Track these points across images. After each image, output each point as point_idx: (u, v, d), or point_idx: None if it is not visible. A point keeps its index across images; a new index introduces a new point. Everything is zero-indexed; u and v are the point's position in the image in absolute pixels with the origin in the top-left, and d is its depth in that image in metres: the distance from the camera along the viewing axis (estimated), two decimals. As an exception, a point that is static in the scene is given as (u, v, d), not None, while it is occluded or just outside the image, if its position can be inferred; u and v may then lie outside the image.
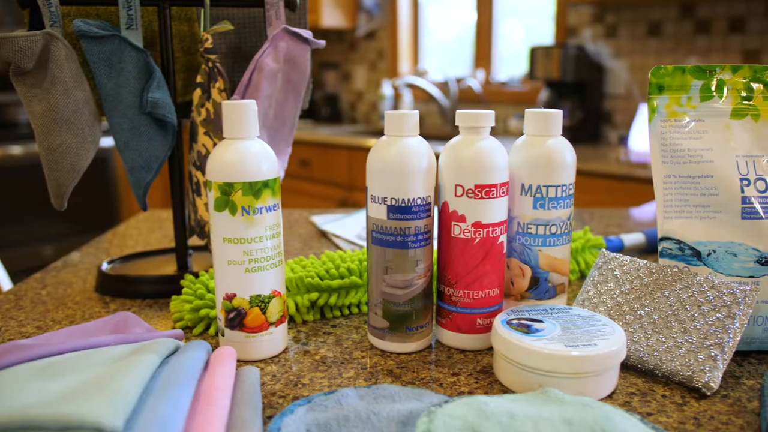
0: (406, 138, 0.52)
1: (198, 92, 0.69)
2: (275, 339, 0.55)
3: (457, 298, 0.54)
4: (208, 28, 0.68)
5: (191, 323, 0.60)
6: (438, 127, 2.84)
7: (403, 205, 0.52)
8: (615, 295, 0.54)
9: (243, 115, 0.52)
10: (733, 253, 0.52)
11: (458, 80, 2.70)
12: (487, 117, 0.52)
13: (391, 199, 0.52)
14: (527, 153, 0.54)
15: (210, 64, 0.68)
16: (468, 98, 2.70)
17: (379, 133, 2.84)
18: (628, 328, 0.52)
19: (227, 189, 0.51)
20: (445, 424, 0.39)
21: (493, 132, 2.28)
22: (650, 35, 2.14)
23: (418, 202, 0.52)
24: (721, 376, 0.47)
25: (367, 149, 2.33)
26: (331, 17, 2.84)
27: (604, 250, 0.58)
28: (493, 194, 0.52)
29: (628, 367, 0.52)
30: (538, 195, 0.54)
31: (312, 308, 0.63)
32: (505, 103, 2.59)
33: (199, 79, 0.68)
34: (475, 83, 2.61)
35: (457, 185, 0.52)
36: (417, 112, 0.53)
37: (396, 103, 2.81)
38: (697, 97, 0.54)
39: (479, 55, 2.67)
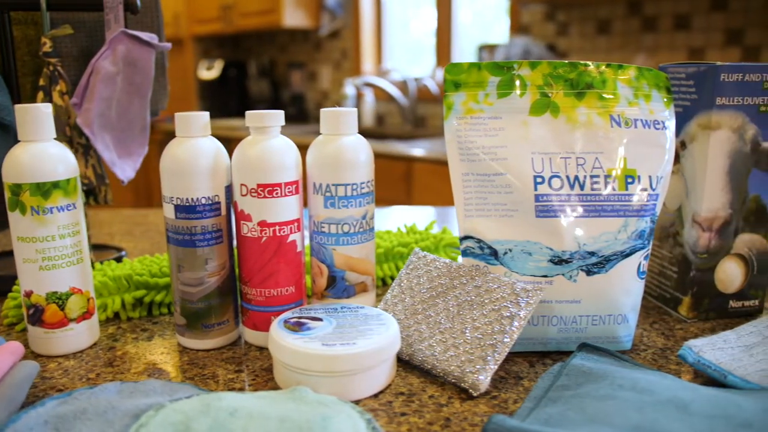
0: (195, 138, 0.53)
1: (40, 95, 0.70)
2: (77, 335, 0.56)
3: (252, 296, 0.55)
4: (47, 31, 0.69)
5: (15, 319, 0.62)
6: (398, 126, 2.85)
7: (188, 204, 0.53)
8: (414, 294, 0.55)
9: (35, 117, 0.52)
10: (528, 252, 0.52)
11: (416, 79, 2.71)
12: (274, 117, 0.53)
13: (177, 198, 0.53)
14: (318, 152, 0.55)
15: (51, 68, 0.69)
16: (426, 97, 2.70)
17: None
18: (418, 328, 0.52)
19: (16, 190, 0.52)
20: (164, 418, 0.40)
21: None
22: (599, 33, 2.14)
23: (203, 201, 0.53)
24: (490, 376, 0.47)
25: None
26: (294, 17, 2.85)
27: (417, 248, 0.59)
28: (277, 193, 0.53)
29: (414, 366, 0.52)
30: (328, 194, 0.55)
31: (140, 305, 0.65)
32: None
33: (41, 82, 0.69)
34: (432, 83, 2.62)
35: (242, 185, 0.53)
36: (206, 113, 0.54)
37: (358, 103, 2.82)
38: (495, 93, 0.53)
39: (440, 55, 2.67)
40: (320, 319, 0.51)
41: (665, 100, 0.55)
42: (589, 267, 0.52)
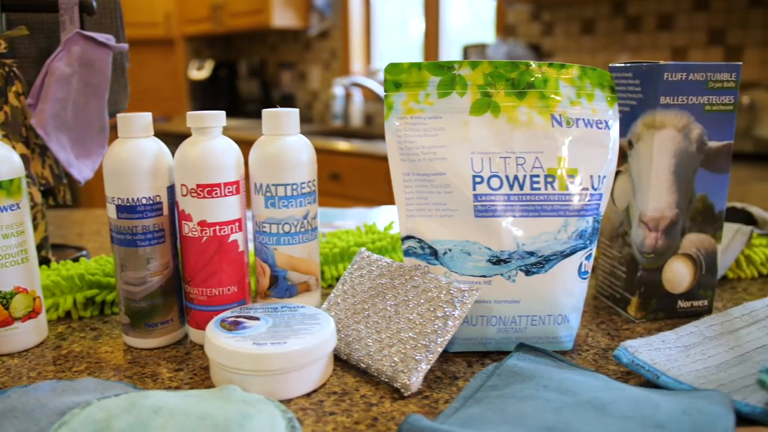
0: (137, 139, 0.53)
1: (-4, 95, 0.70)
2: (22, 334, 0.56)
3: (194, 295, 0.55)
4: (2, 33, 0.69)
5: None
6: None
7: (129, 204, 0.53)
8: (355, 294, 0.55)
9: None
10: (467, 252, 0.52)
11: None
12: (214, 117, 0.53)
13: (118, 198, 0.53)
14: (258, 153, 0.55)
15: (6, 68, 0.69)
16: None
17: (333, 132, 2.85)
18: (356, 327, 0.52)
19: (-43, 190, 0.52)
20: (88, 416, 0.40)
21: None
22: (584, 33, 2.14)
23: (144, 201, 0.53)
24: (421, 377, 0.47)
25: (318, 149, 2.34)
26: (282, 17, 2.85)
27: (363, 248, 0.59)
28: (216, 194, 0.53)
29: (352, 366, 0.52)
30: (268, 194, 0.55)
31: (92, 304, 0.65)
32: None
33: (-3, 82, 0.70)
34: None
35: (182, 185, 0.53)
36: (149, 114, 0.54)
37: (347, 103, 2.82)
38: (435, 93, 0.53)
39: (428, 55, 2.67)
40: (257, 319, 0.51)
41: (609, 99, 0.55)
42: (528, 267, 0.52)
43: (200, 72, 3.33)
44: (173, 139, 3.03)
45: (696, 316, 0.62)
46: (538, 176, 0.52)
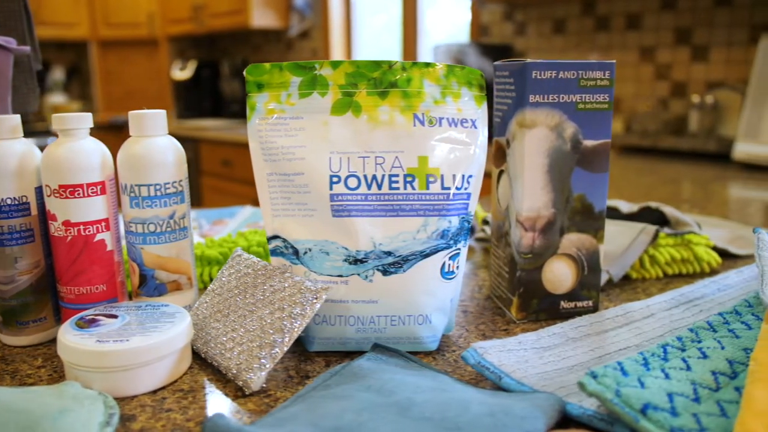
0: (2, 141, 0.54)
1: None
2: None
3: (64, 294, 0.55)
4: None
5: None
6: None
7: (-7, 203, 0.53)
8: (221, 293, 0.55)
9: None
10: (326, 252, 0.52)
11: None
12: (78, 119, 0.53)
13: (-17, 198, 0.54)
14: (123, 153, 0.55)
15: None
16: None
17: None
18: (215, 326, 0.52)
19: None
20: None
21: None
22: (556, 33, 2.13)
23: (9, 202, 0.53)
24: (264, 375, 0.47)
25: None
26: (262, 17, 2.86)
27: (238, 248, 0.59)
28: (79, 194, 0.53)
29: (210, 363, 0.52)
30: (132, 194, 0.55)
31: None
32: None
33: None
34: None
35: (46, 185, 0.53)
36: (17, 116, 0.54)
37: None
38: (296, 94, 0.53)
39: (406, 55, 2.67)
40: (116, 316, 0.51)
41: (477, 98, 0.55)
42: (385, 267, 0.52)
43: (183, 72, 3.34)
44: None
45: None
46: (397, 176, 0.52)
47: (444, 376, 0.46)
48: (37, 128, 3.49)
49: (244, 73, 0.54)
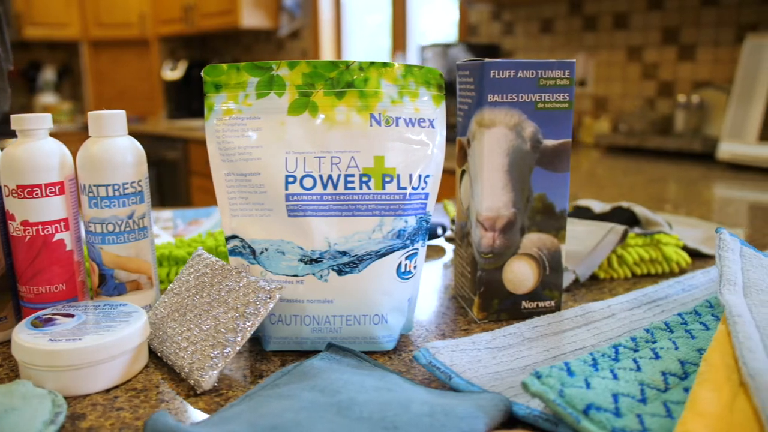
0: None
1: None
2: None
3: (24, 293, 0.55)
4: None
5: None
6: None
7: (-50, 203, 0.54)
8: (180, 293, 0.55)
9: None
10: (282, 252, 0.52)
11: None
12: (36, 120, 0.53)
13: (-61, 197, 0.54)
14: (82, 154, 0.55)
15: None
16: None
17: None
18: (172, 325, 0.52)
19: None
20: None
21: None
22: (543, 32, 2.13)
23: (-35, 201, 0.54)
24: (216, 374, 0.47)
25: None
26: (252, 18, 2.86)
27: (200, 248, 0.59)
28: (37, 194, 0.53)
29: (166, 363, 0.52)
30: (91, 194, 0.55)
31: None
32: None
33: None
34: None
35: (5, 185, 0.53)
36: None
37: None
38: (254, 94, 0.53)
39: (395, 54, 2.67)
40: (72, 316, 0.51)
41: (435, 97, 0.55)
42: (340, 266, 0.52)
43: (174, 72, 3.34)
44: (147, 139, 3.05)
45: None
46: (353, 176, 0.52)
47: (394, 376, 0.46)
48: (29, 128, 3.47)
49: (202, 73, 0.54)
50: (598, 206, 0.87)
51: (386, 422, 0.37)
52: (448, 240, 0.91)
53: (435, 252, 0.85)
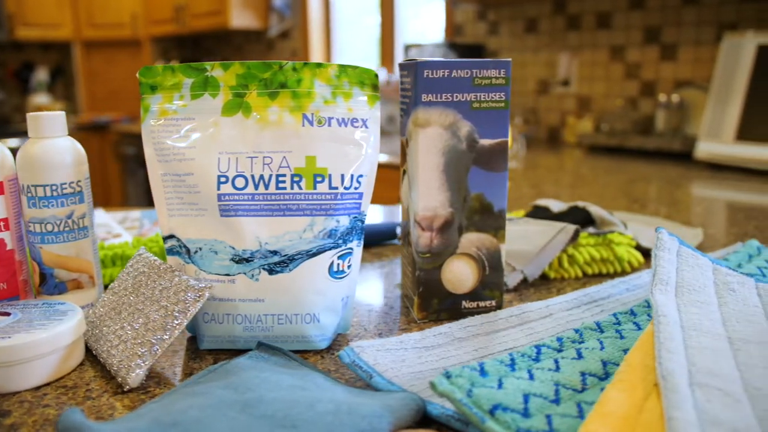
0: None
1: None
2: None
3: (-37, 293, 0.57)
4: None
5: None
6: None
7: None
8: (118, 291, 0.55)
9: None
10: (214, 251, 0.53)
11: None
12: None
13: None
14: (20, 155, 0.56)
15: None
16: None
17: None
18: (107, 323, 0.52)
19: None
20: None
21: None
22: (528, 32, 2.13)
23: None
24: (143, 372, 0.48)
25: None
26: (241, 18, 2.87)
27: (142, 248, 0.60)
28: (-26, 193, 0.54)
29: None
30: (29, 194, 0.56)
31: None
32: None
33: None
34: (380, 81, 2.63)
35: (-58, 185, 0.55)
36: None
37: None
38: (189, 95, 0.54)
39: (384, 55, 2.68)
40: (8, 314, 0.52)
41: (370, 97, 0.56)
42: (271, 266, 0.52)
43: (165, 73, 3.35)
44: (138, 139, 3.06)
45: (484, 315, 0.62)
46: (284, 176, 0.53)
47: (317, 375, 0.47)
48: (23, 128, 3.50)
49: (137, 75, 0.55)
50: (556, 206, 0.87)
51: (287, 420, 0.37)
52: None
53: (393, 252, 0.86)
